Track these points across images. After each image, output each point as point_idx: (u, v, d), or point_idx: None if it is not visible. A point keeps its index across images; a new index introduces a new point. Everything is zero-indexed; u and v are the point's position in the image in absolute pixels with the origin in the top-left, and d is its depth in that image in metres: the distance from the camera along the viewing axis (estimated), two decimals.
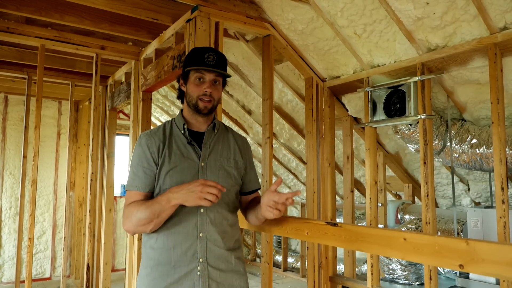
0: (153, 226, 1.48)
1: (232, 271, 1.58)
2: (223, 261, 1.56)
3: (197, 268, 1.49)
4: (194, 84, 1.57)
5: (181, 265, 1.49)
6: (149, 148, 1.56)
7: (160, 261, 1.51)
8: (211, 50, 1.60)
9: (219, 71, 1.58)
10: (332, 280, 3.49)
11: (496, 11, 2.23)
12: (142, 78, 3.72)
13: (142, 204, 1.47)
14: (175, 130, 1.63)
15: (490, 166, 3.05)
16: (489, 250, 1.09)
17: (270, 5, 2.96)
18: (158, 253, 1.52)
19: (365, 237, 1.43)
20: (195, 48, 1.66)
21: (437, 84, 2.98)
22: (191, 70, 1.58)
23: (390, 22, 2.63)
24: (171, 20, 3.16)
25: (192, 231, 1.51)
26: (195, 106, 1.58)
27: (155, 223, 1.47)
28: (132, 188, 1.54)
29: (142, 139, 1.60)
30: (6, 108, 5.87)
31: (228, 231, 1.60)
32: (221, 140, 1.67)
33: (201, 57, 1.56)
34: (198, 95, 1.57)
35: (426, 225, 2.71)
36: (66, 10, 3.24)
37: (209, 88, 1.57)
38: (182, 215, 1.51)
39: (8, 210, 5.79)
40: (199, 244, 1.51)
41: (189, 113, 1.64)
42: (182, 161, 1.55)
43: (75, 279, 5.87)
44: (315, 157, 3.49)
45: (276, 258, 6.63)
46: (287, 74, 3.91)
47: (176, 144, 1.59)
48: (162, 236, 1.52)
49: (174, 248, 1.50)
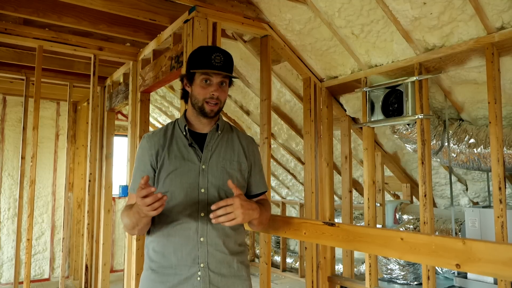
0: (138, 231, 1.49)
1: (234, 276, 1.53)
2: (225, 266, 1.51)
3: (198, 273, 1.46)
4: (200, 86, 1.51)
5: (181, 269, 1.47)
6: (148, 151, 1.54)
7: (161, 265, 1.49)
8: (218, 50, 1.53)
9: (227, 74, 1.52)
10: (330, 280, 3.49)
11: (493, 11, 2.24)
12: (140, 78, 3.72)
13: (128, 209, 1.46)
14: (177, 132, 1.58)
15: (487, 165, 3.06)
16: (486, 250, 1.09)
17: (268, 6, 2.96)
18: (159, 256, 1.51)
19: (362, 237, 1.44)
20: (201, 47, 1.59)
21: (434, 84, 2.98)
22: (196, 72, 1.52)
23: (387, 22, 2.64)
24: (169, 21, 3.16)
25: (193, 235, 1.48)
26: (201, 109, 1.53)
27: (138, 230, 1.48)
28: (131, 191, 1.55)
29: (143, 141, 1.59)
30: (5, 109, 5.87)
31: (231, 235, 1.54)
32: (225, 141, 1.61)
33: (208, 58, 1.49)
34: (204, 98, 1.51)
35: (424, 225, 2.71)
36: (64, 11, 3.24)
37: (216, 91, 1.51)
38: (183, 219, 1.48)
39: (7, 211, 5.78)
40: (200, 248, 1.48)
41: (193, 114, 1.59)
42: (183, 164, 1.51)
43: (74, 280, 5.86)
44: (313, 157, 3.49)
45: (275, 258, 6.63)
46: (285, 75, 3.91)
47: (177, 146, 1.54)
48: (163, 240, 1.50)
49: (175, 252, 1.48)
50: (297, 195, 6.28)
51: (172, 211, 1.49)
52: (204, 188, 1.51)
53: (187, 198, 1.49)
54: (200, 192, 1.51)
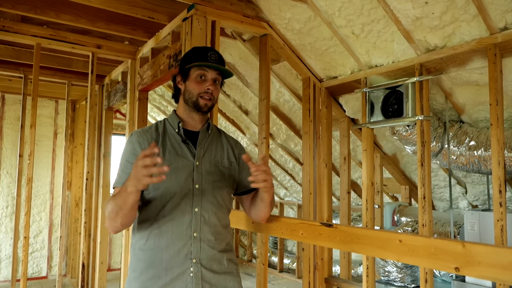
0: (120, 219, 1.38)
1: (225, 272, 1.54)
2: (216, 262, 1.52)
3: (190, 269, 1.45)
4: (195, 81, 1.55)
5: (173, 266, 1.45)
6: (141, 145, 1.51)
7: (151, 263, 1.46)
8: (213, 49, 1.60)
9: (223, 68, 1.57)
10: (327, 282, 3.47)
11: (497, 11, 2.21)
12: (139, 77, 3.70)
13: (112, 198, 1.40)
14: (169, 129, 1.59)
15: (488, 168, 3.03)
16: (486, 253, 1.07)
17: (267, 4, 2.93)
18: (148, 254, 1.47)
19: (360, 239, 1.42)
20: (196, 47, 1.63)
21: (435, 85, 2.96)
22: (192, 68, 1.56)
23: (388, 22, 2.61)
24: (167, 19, 3.14)
25: (186, 230, 1.47)
26: (195, 104, 1.56)
27: (121, 216, 1.37)
28: (118, 185, 1.46)
29: (133, 137, 1.55)
30: (3, 107, 5.86)
31: (222, 233, 1.57)
32: (215, 141, 1.65)
33: (204, 55, 1.55)
34: (199, 93, 1.55)
35: (423, 227, 2.69)
36: (62, 9, 3.22)
37: (211, 86, 1.56)
38: (176, 214, 1.47)
39: (5, 209, 5.78)
40: (193, 244, 1.47)
41: (185, 111, 1.61)
42: (177, 160, 1.51)
43: (71, 278, 5.84)
44: (312, 158, 3.47)
45: (272, 259, 6.61)
46: (284, 74, 3.89)
47: (170, 142, 1.55)
48: (154, 236, 1.47)
49: (167, 248, 1.46)
50: (295, 196, 6.26)
51: (166, 206, 1.48)
52: (198, 184, 1.52)
53: (181, 194, 1.49)
54: (195, 188, 1.51)
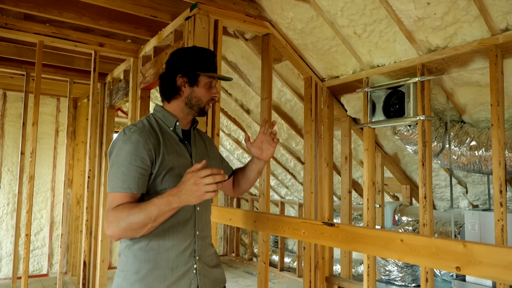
0: (147, 230, 1.34)
1: (215, 266, 1.61)
2: (212, 256, 1.59)
3: (194, 266, 1.48)
4: (205, 89, 1.58)
5: (179, 265, 1.45)
6: (144, 146, 1.42)
7: (157, 264, 1.43)
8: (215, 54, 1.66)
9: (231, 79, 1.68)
10: (328, 281, 3.48)
11: (498, 12, 2.22)
12: (141, 75, 3.71)
13: (134, 207, 1.32)
14: (164, 127, 1.55)
15: (489, 168, 3.04)
16: (487, 253, 1.08)
17: (270, 4, 2.94)
18: (152, 255, 1.43)
19: (361, 238, 1.42)
20: (199, 49, 1.62)
21: (436, 86, 2.96)
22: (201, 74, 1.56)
23: (390, 22, 2.62)
24: (170, 18, 3.15)
25: (191, 229, 1.50)
26: (201, 109, 1.60)
27: (150, 228, 1.33)
28: (121, 190, 1.36)
29: (132, 136, 1.43)
30: (5, 105, 5.86)
31: (210, 227, 1.65)
32: (198, 138, 1.70)
33: (212, 62, 1.59)
34: (208, 100, 1.60)
35: (424, 227, 2.70)
36: (65, 7, 3.23)
37: (218, 93, 1.63)
38: (181, 214, 1.47)
39: (6, 206, 5.78)
40: (196, 242, 1.50)
41: (182, 112, 1.58)
42: (178, 160, 1.51)
43: (72, 276, 5.85)
44: (313, 157, 3.48)
45: (272, 258, 6.62)
46: (286, 74, 3.90)
47: (169, 142, 1.52)
48: (158, 237, 1.44)
49: (172, 248, 1.45)
50: (296, 195, 6.26)
51: None
52: None
53: None
54: None
